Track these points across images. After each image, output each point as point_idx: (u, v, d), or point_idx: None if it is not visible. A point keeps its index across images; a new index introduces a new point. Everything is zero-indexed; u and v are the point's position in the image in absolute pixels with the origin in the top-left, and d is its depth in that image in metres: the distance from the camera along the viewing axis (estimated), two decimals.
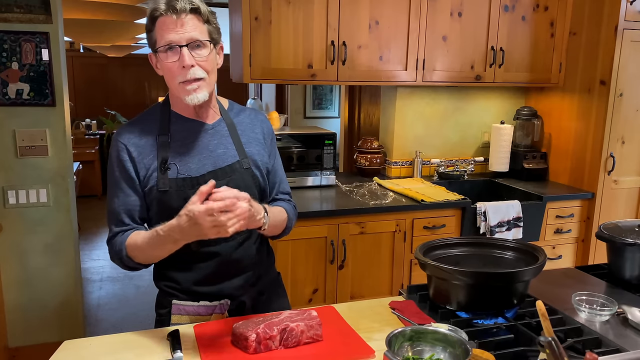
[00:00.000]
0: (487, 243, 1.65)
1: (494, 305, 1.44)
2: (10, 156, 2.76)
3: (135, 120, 1.51)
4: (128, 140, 1.45)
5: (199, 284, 1.51)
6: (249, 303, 1.55)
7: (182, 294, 1.52)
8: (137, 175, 1.44)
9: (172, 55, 1.37)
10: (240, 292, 1.54)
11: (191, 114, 1.49)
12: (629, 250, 1.67)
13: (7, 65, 2.67)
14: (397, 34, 2.94)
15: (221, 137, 1.51)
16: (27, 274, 2.91)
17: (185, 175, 1.43)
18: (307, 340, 1.32)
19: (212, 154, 1.48)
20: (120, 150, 1.44)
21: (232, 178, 1.46)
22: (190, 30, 1.36)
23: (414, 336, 1.23)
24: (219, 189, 1.24)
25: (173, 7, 1.34)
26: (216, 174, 1.45)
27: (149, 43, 1.42)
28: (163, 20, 1.35)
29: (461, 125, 3.56)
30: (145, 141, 1.45)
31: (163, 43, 1.36)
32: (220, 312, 1.51)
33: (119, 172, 1.44)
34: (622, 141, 3.11)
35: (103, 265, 4.87)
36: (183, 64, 1.36)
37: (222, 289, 1.52)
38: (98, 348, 1.31)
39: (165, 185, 1.41)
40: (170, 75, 1.39)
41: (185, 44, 1.35)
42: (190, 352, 1.29)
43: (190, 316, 1.51)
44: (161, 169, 1.42)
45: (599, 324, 1.43)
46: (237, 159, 1.50)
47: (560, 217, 3.12)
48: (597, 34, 3.06)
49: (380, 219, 2.75)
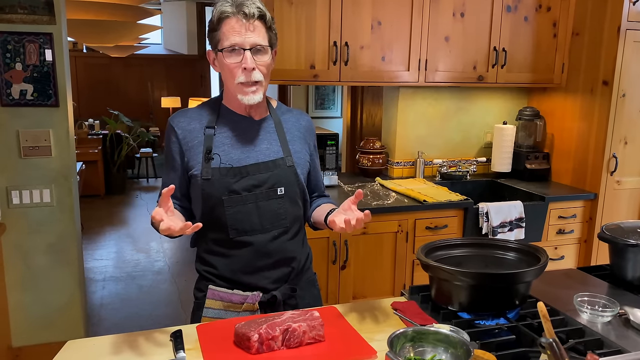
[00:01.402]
0: (489, 244, 1.66)
1: (496, 306, 1.44)
2: (13, 156, 2.78)
3: (191, 108, 1.62)
4: (177, 123, 1.56)
5: (234, 273, 1.57)
6: (280, 298, 1.58)
7: (218, 280, 1.59)
8: (182, 156, 1.54)
9: (235, 56, 1.44)
10: (273, 286, 1.58)
11: (242, 110, 1.57)
12: (631, 252, 1.67)
13: (10, 66, 2.68)
14: (400, 35, 2.94)
15: (266, 133, 1.58)
16: (30, 273, 2.93)
17: (227, 165, 1.50)
18: (309, 340, 1.33)
19: (256, 147, 1.55)
20: (170, 132, 1.56)
21: (274, 173, 1.54)
22: (254, 35, 1.44)
23: (416, 337, 1.23)
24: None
25: (242, 11, 1.42)
26: (258, 167, 1.52)
27: (210, 41, 1.50)
28: (230, 22, 1.43)
29: (463, 126, 3.56)
30: (193, 127, 1.55)
31: (228, 44, 1.44)
32: (251, 302, 1.55)
33: (169, 152, 1.57)
34: (625, 142, 3.11)
35: (106, 265, 4.88)
36: (245, 66, 1.44)
37: (256, 281, 1.57)
38: (101, 348, 1.32)
39: (208, 174, 1.50)
40: (230, 75, 1.47)
41: (249, 48, 1.43)
42: (193, 353, 1.29)
43: (224, 302, 1.56)
44: (205, 158, 1.50)
45: (600, 325, 1.43)
46: (281, 155, 1.57)
47: (562, 217, 3.12)
48: (599, 34, 3.06)
49: (382, 219, 2.75)
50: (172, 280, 4.54)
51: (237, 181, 1.50)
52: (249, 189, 1.50)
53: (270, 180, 1.53)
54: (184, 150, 1.54)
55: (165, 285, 4.44)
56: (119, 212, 6.77)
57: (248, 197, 1.51)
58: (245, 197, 1.51)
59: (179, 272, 4.73)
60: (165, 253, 5.25)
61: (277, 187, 1.54)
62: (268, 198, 1.53)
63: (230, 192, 1.50)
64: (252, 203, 1.51)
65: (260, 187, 1.52)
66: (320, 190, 1.76)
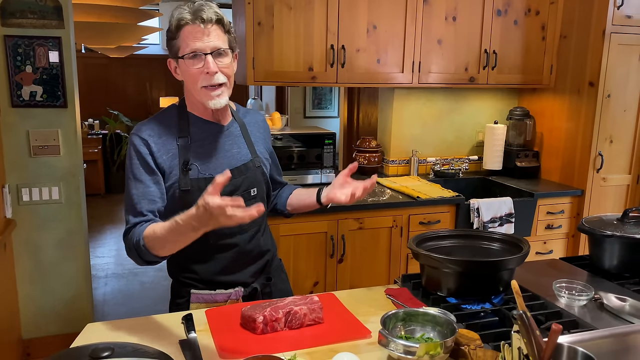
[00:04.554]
0: (476, 235, 1.78)
1: (482, 291, 1.56)
2: (24, 155, 2.88)
3: (152, 119, 1.58)
4: (148, 135, 1.52)
5: (217, 274, 1.63)
6: (259, 288, 1.69)
7: (200, 284, 1.64)
8: (158, 168, 1.51)
9: (197, 62, 1.46)
10: (252, 279, 1.69)
11: (209, 116, 1.59)
12: (608, 242, 1.79)
13: (21, 68, 2.79)
14: (394, 38, 3.06)
15: (234, 138, 1.64)
16: (40, 268, 3.03)
17: (206, 175, 1.53)
18: (310, 322, 1.45)
19: (228, 153, 1.60)
20: (139, 145, 1.51)
21: (247, 176, 1.60)
22: (214, 39, 1.46)
23: (407, 317, 1.36)
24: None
25: (200, 17, 1.43)
26: (233, 173, 1.48)
27: (170, 50, 1.51)
28: (189, 29, 1.45)
29: (456, 125, 3.68)
30: (165, 139, 1.53)
31: (188, 50, 1.45)
32: (235, 298, 1.64)
33: (140, 165, 1.50)
34: (610, 140, 3.24)
35: (108, 263, 4.98)
36: (207, 71, 1.45)
37: (237, 278, 1.65)
38: (119, 330, 1.43)
39: (187, 185, 1.51)
40: (193, 80, 1.49)
41: (209, 52, 1.45)
42: (203, 334, 1.41)
43: (208, 304, 1.63)
44: (183, 170, 1.51)
45: (577, 309, 1.55)
46: (250, 157, 1.64)
47: (551, 213, 3.24)
48: (586, 37, 3.19)
49: (378, 215, 2.87)
50: None
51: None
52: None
53: (244, 183, 1.59)
54: (158, 162, 1.51)
55: (166, 282, 4.49)
56: (119, 211, 6.86)
57: None
58: None
59: None
60: None
61: (250, 189, 1.61)
62: (244, 200, 1.49)
63: None
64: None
65: (236, 192, 1.56)
66: (283, 182, 1.88)
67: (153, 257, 1.43)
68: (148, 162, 1.50)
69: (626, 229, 1.80)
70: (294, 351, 1.30)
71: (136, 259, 1.46)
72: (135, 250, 1.44)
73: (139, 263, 1.48)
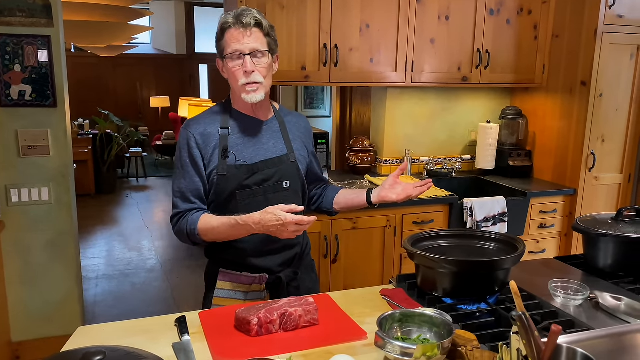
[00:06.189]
0: (471, 235, 1.78)
1: (477, 292, 1.56)
2: (13, 156, 2.84)
3: (201, 115, 1.77)
4: (195, 130, 1.70)
5: (244, 257, 1.74)
6: (284, 280, 1.78)
7: (229, 265, 1.77)
8: (203, 160, 1.69)
9: (237, 61, 1.63)
10: (278, 269, 1.78)
11: (249, 111, 1.75)
12: (602, 241, 1.79)
13: (10, 67, 2.75)
14: (387, 37, 3.05)
15: (272, 133, 1.78)
16: (29, 270, 2.99)
17: (241, 163, 1.69)
18: (305, 324, 1.43)
19: (264, 146, 1.74)
20: (189, 138, 1.69)
21: (280, 168, 1.74)
22: (253, 42, 1.63)
23: (403, 318, 1.35)
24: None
25: (241, 21, 1.61)
26: (267, 163, 1.71)
27: (217, 50, 1.69)
28: (231, 32, 1.63)
29: (449, 125, 3.68)
30: (209, 132, 1.71)
31: (230, 51, 1.63)
32: (259, 283, 1.75)
33: (188, 157, 1.69)
34: (602, 139, 3.25)
35: (98, 264, 4.94)
36: (245, 69, 1.62)
37: (263, 264, 1.75)
38: (111, 333, 1.41)
39: (224, 170, 1.68)
40: (234, 78, 1.66)
41: (248, 53, 1.62)
42: (197, 336, 1.39)
43: (233, 283, 1.75)
44: (222, 156, 1.68)
45: (572, 308, 1.55)
46: (285, 152, 1.77)
47: (543, 212, 3.25)
48: (578, 36, 3.20)
49: (371, 214, 2.86)
50: (165, 278, 4.62)
51: (249, 177, 1.68)
52: (259, 183, 1.69)
53: (277, 174, 1.73)
54: (203, 154, 1.69)
55: (158, 283, 4.51)
56: (109, 211, 6.82)
57: (258, 190, 1.70)
58: (255, 191, 1.70)
59: (171, 270, 4.81)
60: (157, 251, 5.32)
61: (282, 181, 1.74)
62: (275, 191, 1.72)
63: (243, 187, 1.68)
64: (262, 195, 1.71)
65: (268, 181, 1.71)
66: (325, 181, 2.01)
67: (202, 242, 1.69)
68: (195, 156, 1.68)
69: (621, 228, 1.80)
70: (289, 353, 1.29)
71: (185, 241, 1.70)
72: (188, 235, 1.66)
73: (186, 243, 1.72)
